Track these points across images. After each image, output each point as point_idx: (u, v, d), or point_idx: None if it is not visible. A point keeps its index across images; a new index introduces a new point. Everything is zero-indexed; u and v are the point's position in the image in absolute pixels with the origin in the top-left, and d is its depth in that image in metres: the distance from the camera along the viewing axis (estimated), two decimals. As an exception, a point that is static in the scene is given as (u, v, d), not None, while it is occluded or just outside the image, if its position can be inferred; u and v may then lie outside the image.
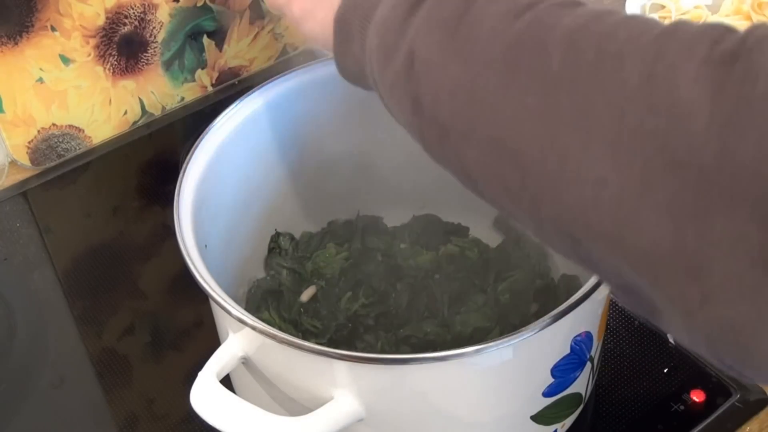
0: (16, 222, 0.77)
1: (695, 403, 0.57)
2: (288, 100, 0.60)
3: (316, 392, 0.46)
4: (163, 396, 0.61)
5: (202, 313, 0.65)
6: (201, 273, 0.47)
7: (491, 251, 0.64)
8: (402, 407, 0.47)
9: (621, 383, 0.59)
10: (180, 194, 0.52)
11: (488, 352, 0.44)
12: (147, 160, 0.83)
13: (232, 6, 0.85)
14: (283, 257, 0.64)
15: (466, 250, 0.63)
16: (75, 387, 0.63)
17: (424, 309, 0.60)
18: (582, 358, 0.49)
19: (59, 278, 0.71)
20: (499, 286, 0.60)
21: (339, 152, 0.64)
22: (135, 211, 0.78)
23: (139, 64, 0.82)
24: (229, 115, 0.57)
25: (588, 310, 0.48)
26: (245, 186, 0.59)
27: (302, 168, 0.63)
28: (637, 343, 0.61)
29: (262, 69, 0.90)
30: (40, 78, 0.77)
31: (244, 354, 0.48)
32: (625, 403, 0.58)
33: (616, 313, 0.63)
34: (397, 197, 0.68)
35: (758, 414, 0.57)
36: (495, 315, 0.58)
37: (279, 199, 0.63)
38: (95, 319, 0.67)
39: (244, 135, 0.57)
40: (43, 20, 0.75)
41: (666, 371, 0.60)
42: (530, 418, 0.49)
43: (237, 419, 0.44)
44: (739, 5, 0.83)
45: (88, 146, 0.83)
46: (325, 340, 0.58)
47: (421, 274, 0.62)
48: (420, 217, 0.67)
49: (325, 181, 0.65)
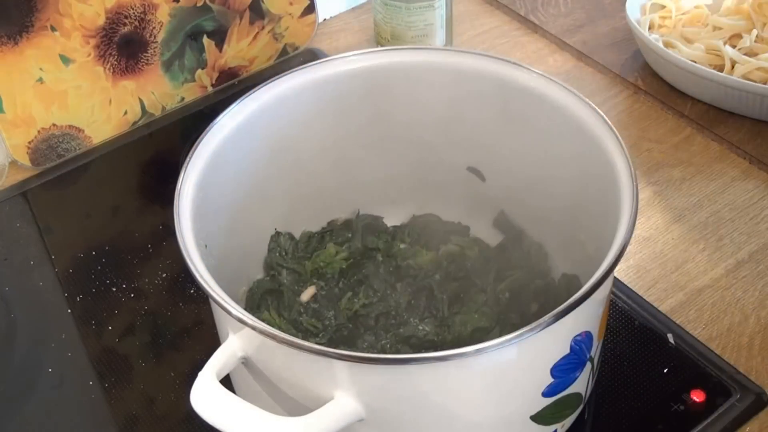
0: (16, 222, 0.77)
1: (695, 403, 0.57)
2: (288, 100, 0.60)
3: (316, 392, 0.46)
4: (163, 396, 0.61)
5: (202, 313, 0.66)
6: (201, 273, 0.47)
7: (491, 251, 0.64)
8: (402, 407, 0.47)
9: (621, 383, 0.59)
10: (180, 194, 0.52)
11: (488, 352, 0.44)
12: (147, 160, 0.83)
13: (232, 6, 0.85)
14: (283, 257, 0.64)
15: (466, 249, 0.63)
16: (75, 387, 0.63)
17: (424, 309, 0.60)
18: (582, 358, 0.49)
19: (59, 278, 0.71)
20: (499, 285, 0.60)
21: (339, 152, 0.64)
22: (135, 211, 0.78)
23: (139, 64, 0.82)
24: (228, 115, 0.57)
25: (588, 310, 0.48)
26: (245, 186, 0.59)
27: (302, 168, 0.63)
28: (637, 343, 0.62)
29: (262, 69, 0.90)
30: (40, 78, 0.77)
31: (244, 354, 0.48)
32: (625, 403, 0.58)
33: (616, 313, 0.63)
34: (397, 197, 0.68)
35: (758, 414, 0.57)
36: (495, 315, 0.58)
37: (279, 199, 0.63)
38: (95, 319, 0.67)
39: (244, 135, 0.58)
40: (43, 20, 0.75)
41: (666, 371, 0.60)
42: (530, 418, 0.49)
43: (237, 419, 0.44)
44: (739, 5, 0.83)
45: (88, 146, 0.83)
46: (325, 340, 0.58)
47: (421, 274, 0.62)
48: (420, 217, 0.67)
49: (325, 181, 0.65)
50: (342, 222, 0.67)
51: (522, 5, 0.95)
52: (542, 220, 0.62)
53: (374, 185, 0.67)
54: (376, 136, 0.64)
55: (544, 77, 0.57)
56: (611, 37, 0.90)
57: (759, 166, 0.75)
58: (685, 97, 0.82)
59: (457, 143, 0.64)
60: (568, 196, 0.58)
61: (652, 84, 0.84)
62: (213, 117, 0.56)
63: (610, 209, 0.51)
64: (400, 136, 0.64)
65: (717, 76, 0.77)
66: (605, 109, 0.69)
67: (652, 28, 0.85)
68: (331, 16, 0.97)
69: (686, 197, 0.73)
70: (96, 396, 0.62)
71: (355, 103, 0.62)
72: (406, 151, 0.65)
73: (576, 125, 0.55)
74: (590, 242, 0.55)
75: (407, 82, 0.61)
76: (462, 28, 0.93)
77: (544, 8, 0.95)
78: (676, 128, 0.79)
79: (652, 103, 0.82)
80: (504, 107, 0.60)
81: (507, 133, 0.61)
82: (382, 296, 0.60)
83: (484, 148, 0.63)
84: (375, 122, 0.64)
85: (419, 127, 0.64)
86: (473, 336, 0.57)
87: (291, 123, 0.61)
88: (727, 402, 0.57)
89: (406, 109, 0.63)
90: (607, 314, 0.53)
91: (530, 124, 0.59)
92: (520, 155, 0.61)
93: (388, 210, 0.67)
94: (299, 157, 0.63)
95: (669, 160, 0.76)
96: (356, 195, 0.67)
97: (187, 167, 0.53)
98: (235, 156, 0.57)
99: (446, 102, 0.62)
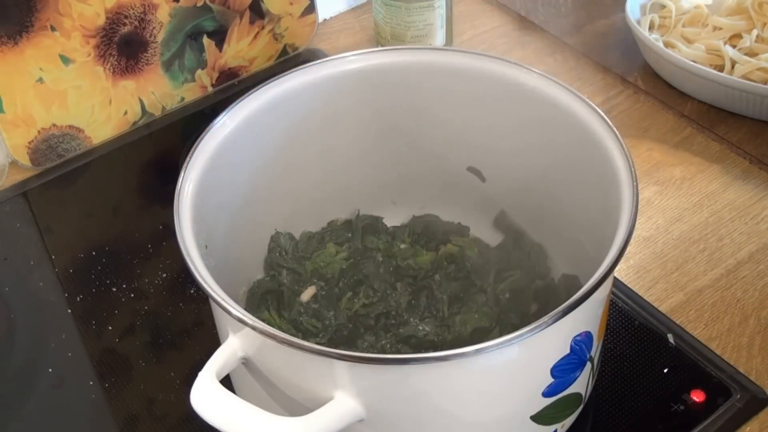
0: (16, 222, 0.77)
1: (695, 403, 0.57)
2: (288, 100, 0.60)
3: (316, 392, 0.46)
4: (163, 396, 0.61)
5: (202, 313, 0.66)
6: (201, 273, 0.47)
7: (491, 251, 0.64)
8: (402, 407, 0.47)
9: (621, 383, 0.59)
10: (180, 194, 0.52)
11: (488, 352, 0.44)
12: (147, 160, 0.83)
13: (232, 6, 0.85)
14: (283, 257, 0.64)
15: (466, 249, 0.63)
16: (75, 387, 0.63)
17: (424, 309, 0.60)
18: (582, 358, 0.49)
19: (59, 278, 0.71)
20: (498, 285, 0.60)
21: (339, 152, 0.64)
22: (135, 211, 0.78)
23: (139, 64, 0.82)
24: (228, 115, 0.57)
25: (588, 310, 0.48)
26: (245, 186, 0.59)
27: (302, 168, 0.63)
28: (637, 343, 0.61)
29: (262, 69, 0.90)
30: (40, 78, 0.77)
31: (244, 354, 0.48)
32: (625, 403, 0.58)
33: (616, 313, 0.63)
34: (397, 198, 0.68)
35: (758, 414, 0.57)
36: (495, 315, 0.58)
37: (279, 199, 0.63)
38: (95, 319, 0.67)
39: (244, 135, 0.58)
40: (43, 20, 0.75)
41: (666, 371, 0.60)
42: (530, 418, 0.49)
43: (237, 419, 0.44)
44: (739, 5, 0.83)
45: (88, 146, 0.83)
46: (325, 340, 0.58)
47: (421, 274, 0.62)
48: (420, 217, 0.67)
49: (325, 181, 0.65)
50: (342, 222, 0.67)
51: (522, 5, 0.95)
52: (542, 220, 0.62)
53: (374, 185, 0.67)
54: (376, 136, 0.64)
55: (544, 77, 0.57)
56: (611, 37, 0.90)
57: (759, 166, 0.75)
58: (685, 97, 0.82)
59: (457, 143, 0.64)
60: (568, 196, 0.58)
61: (652, 84, 0.83)
62: (213, 117, 0.56)
63: (610, 209, 0.51)
64: (400, 136, 0.64)
65: (717, 76, 0.77)
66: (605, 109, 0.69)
67: (652, 28, 0.85)
68: (331, 16, 0.97)
69: (686, 197, 0.73)
70: (96, 396, 0.62)
71: (355, 103, 0.62)
72: (406, 152, 0.65)
73: (576, 125, 0.55)
74: (590, 242, 0.55)
75: (407, 82, 0.61)
76: (462, 28, 0.93)
77: (544, 8, 0.95)
78: (676, 128, 0.79)
79: (652, 103, 0.82)
80: (504, 107, 0.60)
81: (507, 133, 0.61)
82: (382, 296, 0.60)
83: (484, 148, 0.63)
84: (375, 122, 0.64)
85: (419, 127, 0.64)
86: (473, 336, 0.57)
87: (291, 123, 0.61)
88: (727, 402, 0.57)
89: (406, 109, 0.63)
90: (607, 314, 0.53)
91: (530, 125, 0.59)
92: (520, 155, 0.61)
93: (388, 210, 0.67)
94: (299, 157, 0.63)
95: (669, 160, 0.76)
96: (356, 195, 0.67)
97: (187, 167, 0.53)
98: (235, 156, 0.57)
99: (446, 102, 0.62)
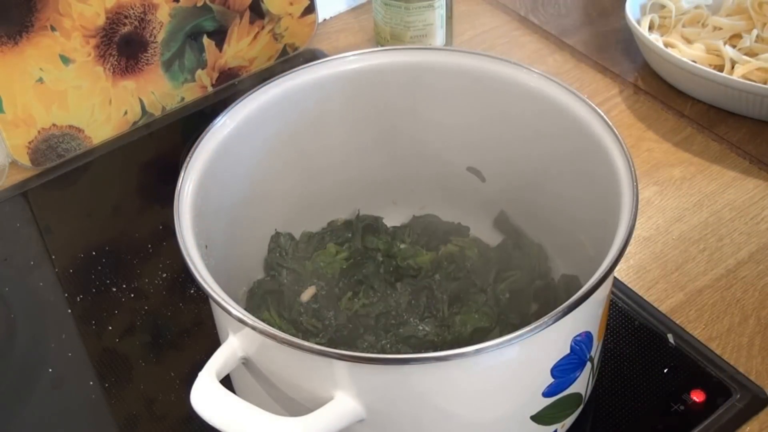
0: (16, 222, 0.77)
1: (695, 403, 0.57)
2: (288, 100, 0.60)
3: (316, 392, 0.46)
4: (163, 396, 0.61)
5: (202, 313, 0.66)
6: (201, 273, 0.47)
7: (491, 251, 0.64)
8: (402, 407, 0.47)
9: (621, 383, 0.59)
10: (180, 194, 0.52)
11: (488, 352, 0.44)
12: (147, 160, 0.83)
13: (232, 6, 0.85)
14: (283, 257, 0.64)
15: (466, 250, 0.63)
16: (75, 387, 0.63)
17: (424, 309, 0.60)
18: (582, 358, 0.49)
19: (59, 278, 0.71)
20: (498, 286, 0.60)
21: (339, 152, 0.64)
22: (135, 211, 0.78)
23: (139, 64, 0.82)
24: (228, 115, 0.57)
25: (588, 310, 0.48)
26: (245, 186, 0.59)
27: (302, 168, 0.63)
28: (637, 343, 0.61)
29: (262, 69, 0.90)
30: (40, 78, 0.77)
31: (244, 354, 0.48)
32: (625, 403, 0.58)
33: (616, 313, 0.63)
34: (398, 198, 0.68)
35: (758, 414, 0.57)
36: (495, 315, 0.58)
37: (279, 199, 0.63)
38: (95, 319, 0.67)
39: (244, 135, 0.58)
40: (43, 20, 0.75)
41: (666, 371, 0.60)
42: (530, 418, 0.49)
43: (237, 419, 0.44)
44: (739, 5, 0.83)
45: (88, 146, 0.83)
46: (325, 340, 0.58)
47: (421, 274, 0.62)
48: (420, 217, 0.67)
49: (325, 181, 0.65)
50: (342, 222, 0.67)
51: (522, 5, 0.95)
52: (542, 220, 0.62)
53: (374, 185, 0.67)
54: (376, 136, 0.64)
55: (544, 77, 0.57)
56: (611, 37, 0.90)
57: (759, 166, 0.75)
58: (685, 97, 0.82)
59: (457, 143, 0.64)
60: (568, 196, 0.58)
61: (652, 84, 0.84)
62: (213, 117, 0.56)
63: (610, 209, 0.51)
64: (399, 136, 0.64)
65: (717, 76, 0.77)
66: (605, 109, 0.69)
67: (652, 28, 0.85)
68: (331, 16, 0.97)
69: (686, 197, 0.73)
70: (96, 396, 0.62)
71: (355, 103, 0.62)
72: (406, 152, 0.65)
73: (576, 125, 0.55)
74: (590, 242, 0.55)
75: (407, 82, 0.61)
76: (462, 28, 0.93)
77: (544, 8, 0.95)
78: (676, 128, 0.79)
79: (652, 103, 0.82)
80: (504, 107, 0.60)
81: (507, 133, 0.61)
82: (382, 296, 0.60)
83: (484, 148, 0.63)
84: (375, 122, 0.64)
85: (419, 127, 0.64)
86: (473, 336, 0.57)
87: (291, 123, 0.61)
88: (727, 402, 0.57)
89: (406, 109, 0.63)
90: (607, 314, 0.53)
91: (530, 124, 0.59)
92: (520, 155, 0.61)
93: (389, 210, 0.67)
94: (299, 157, 0.63)
95: (669, 160, 0.76)
96: (356, 195, 0.67)
97: (187, 167, 0.53)
98: (235, 156, 0.57)
99: (446, 102, 0.62)
